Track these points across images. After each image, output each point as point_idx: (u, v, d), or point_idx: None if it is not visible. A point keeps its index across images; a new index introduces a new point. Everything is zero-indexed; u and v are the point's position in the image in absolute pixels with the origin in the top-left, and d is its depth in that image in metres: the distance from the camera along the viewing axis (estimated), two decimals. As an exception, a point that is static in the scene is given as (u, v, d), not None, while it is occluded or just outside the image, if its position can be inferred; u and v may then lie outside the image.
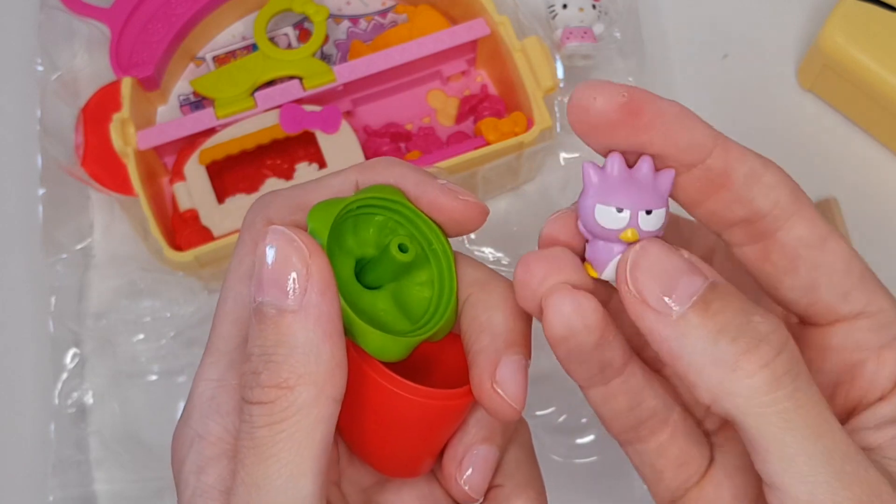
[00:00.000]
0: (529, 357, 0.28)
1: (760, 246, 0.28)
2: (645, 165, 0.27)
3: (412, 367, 0.29)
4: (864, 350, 0.28)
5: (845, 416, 0.28)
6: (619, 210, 0.26)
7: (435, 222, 0.29)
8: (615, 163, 0.27)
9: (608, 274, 0.27)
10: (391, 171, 0.29)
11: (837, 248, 0.27)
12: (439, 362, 0.30)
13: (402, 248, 0.29)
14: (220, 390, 0.28)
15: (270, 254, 0.26)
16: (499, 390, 0.27)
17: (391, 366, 0.28)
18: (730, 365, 0.24)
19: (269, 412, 0.25)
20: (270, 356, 0.26)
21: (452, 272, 0.29)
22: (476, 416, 0.30)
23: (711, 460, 0.30)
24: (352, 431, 0.29)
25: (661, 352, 0.25)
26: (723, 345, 0.24)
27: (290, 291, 0.26)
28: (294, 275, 0.26)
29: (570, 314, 0.26)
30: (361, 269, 0.30)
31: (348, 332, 0.27)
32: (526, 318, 0.29)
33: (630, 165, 0.27)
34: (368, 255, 0.30)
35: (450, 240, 0.30)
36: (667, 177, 0.27)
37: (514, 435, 0.31)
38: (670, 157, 0.27)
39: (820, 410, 0.24)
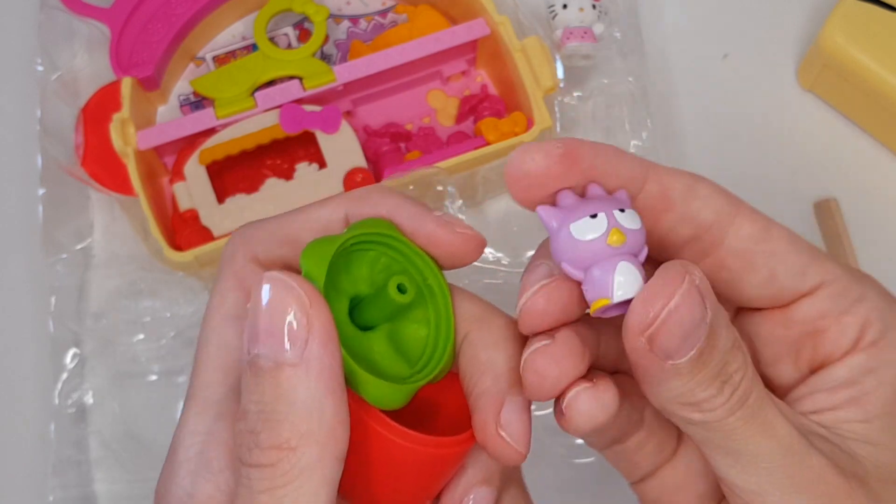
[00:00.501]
0: None
1: (713, 258, 0.28)
2: (596, 188, 0.26)
3: (409, 409, 0.27)
4: (826, 318, 0.28)
5: (806, 376, 0.29)
6: (594, 216, 0.25)
7: (430, 256, 0.28)
8: (567, 195, 0.26)
9: (620, 295, 0.25)
10: (384, 203, 0.28)
11: (782, 233, 0.28)
12: (437, 403, 0.29)
13: (400, 289, 0.27)
14: (210, 445, 0.27)
15: (267, 302, 0.24)
16: (504, 434, 0.27)
17: (387, 411, 0.27)
18: (696, 407, 0.25)
19: (269, 476, 0.24)
20: (269, 414, 0.24)
21: (450, 309, 0.28)
22: (474, 457, 0.29)
23: (680, 437, 0.31)
24: (347, 478, 0.27)
25: (636, 374, 0.26)
26: (697, 391, 0.25)
27: (289, 343, 0.24)
28: (293, 325, 0.24)
29: (596, 413, 0.26)
30: (354, 308, 0.28)
31: (347, 381, 0.25)
32: None
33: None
34: (362, 293, 0.28)
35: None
36: (622, 193, 0.27)
37: (510, 472, 0.30)
38: (613, 190, 0.27)
39: (764, 417, 0.26)
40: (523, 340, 0.27)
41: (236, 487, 0.25)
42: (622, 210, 0.25)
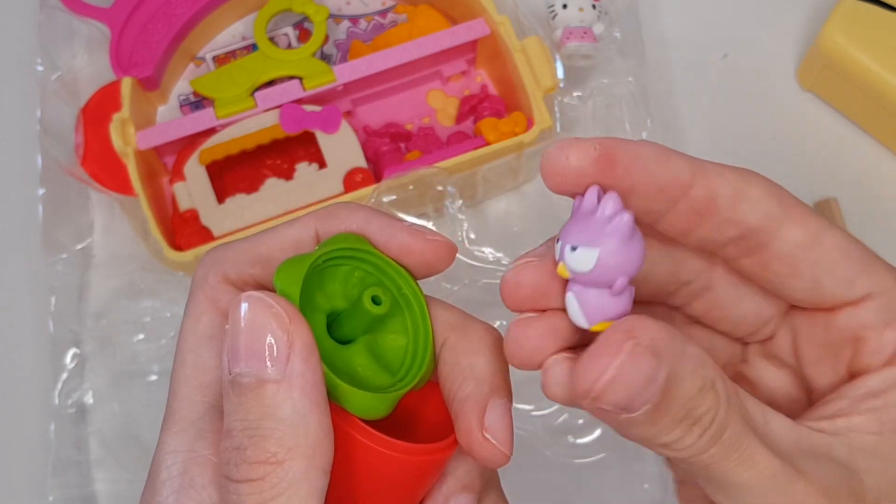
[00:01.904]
0: (512, 399, 0.28)
1: (757, 258, 0.28)
2: (590, 197, 0.26)
3: (390, 419, 0.28)
4: (868, 328, 0.28)
5: (845, 381, 0.29)
6: (557, 240, 0.25)
7: (403, 266, 0.28)
8: (591, 194, 0.26)
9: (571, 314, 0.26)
10: (353, 218, 0.28)
11: (833, 242, 0.28)
12: (416, 412, 0.30)
13: (375, 301, 0.27)
14: (191, 463, 0.27)
15: (246, 321, 0.25)
16: (489, 437, 0.27)
17: (370, 421, 0.27)
18: (665, 447, 0.25)
19: (258, 490, 0.24)
20: (255, 430, 0.24)
21: (426, 317, 0.28)
22: (454, 464, 0.29)
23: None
24: (333, 490, 0.28)
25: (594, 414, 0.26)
26: (661, 436, 0.25)
27: (270, 360, 0.24)
28: (273, 342, 0.24)
29: (565, 384, 0.26)
30: (332, 324, 0.29)
31: (330, 395, 0.26)
32: (504, 360, 0.28)
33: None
34: (338, 308, 0.29)
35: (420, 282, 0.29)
36: (609, 202, 0.25)
37: (490, 478, 0.30)
38: (652, 196, 0.26)
39: (743, 449, 0.25)
40: (500, 348, 0.28)
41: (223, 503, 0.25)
42: (574, 248, 0.25)
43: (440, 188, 0.47)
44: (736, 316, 0.30)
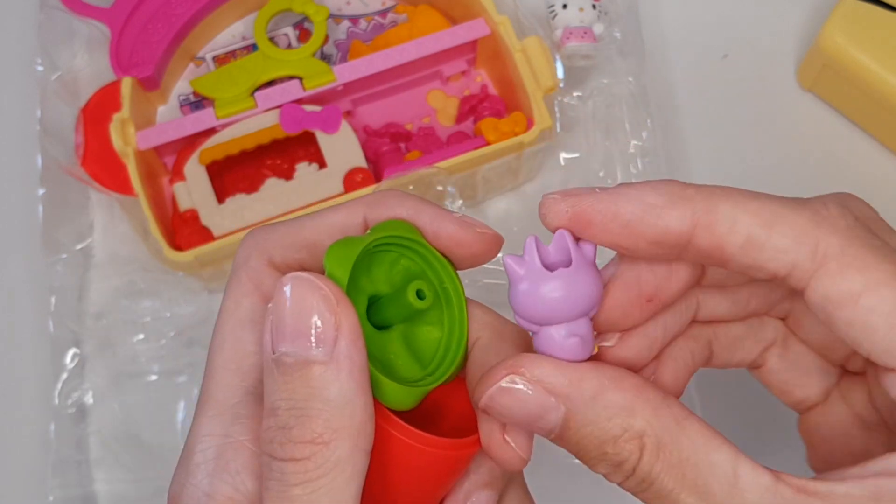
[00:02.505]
0: None
1: (786, 306, 0.28)
2: (558, 245, 0.27)
3: (417, 410, 0.28)
4: None
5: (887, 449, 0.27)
6: None
7: (448, 258, 0.28)
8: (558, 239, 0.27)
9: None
10: (403, 206, 0.28)
11: (874, 304, 0.24)
12: (442, 405, 0.30)
13: (419, 295, 0.28)
14: (227, 448, 0.27)
15: (292, 301, 0.25)
16: (509, 440, 0.27)
17: (400, 416, 0.27)
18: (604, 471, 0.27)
19: (303, 469, 0.24)
20: (302, 410, 0.24)
21: (464, 314, 0.29)
22: (477, 461, 0.29)
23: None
24: None
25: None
26: (594, 468, 0.26)
27: (317, 341, 0.25)
28: (320, 324, 0.25)
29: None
30: (371, 307, 0.29)
31: None
32: None
33: None
34: (380, 293, 0.29)
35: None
36: (585, 251, 0.26)
37: (513, 473, 0.31)
38: (643, 249, 0.26)
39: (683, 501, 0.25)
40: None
41: (264, 482, 0.25)
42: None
43: (440, 188, 0.47)
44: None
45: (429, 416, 0.29)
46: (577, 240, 0.27)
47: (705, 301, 0.30)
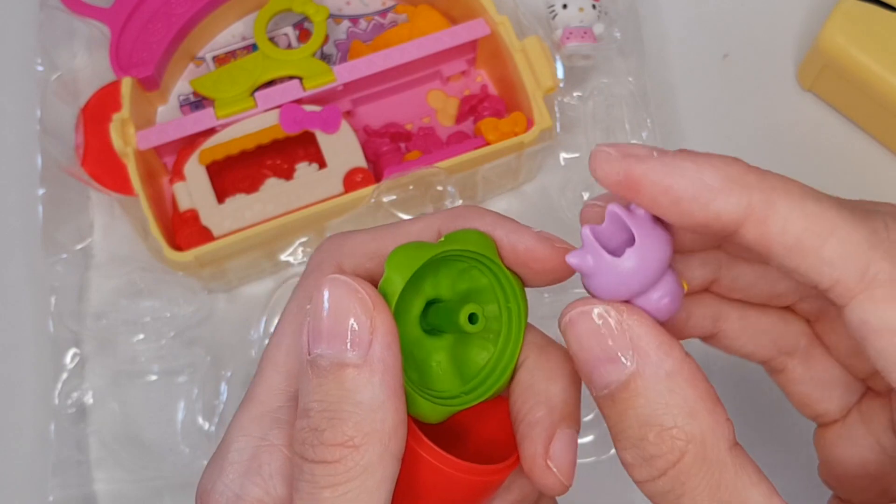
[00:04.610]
0: (579, 429, 0.28)
1: (830, 322, 0.27)
2: (612, 219, 0.26)
3: (447, 423, 0.28)
4: None
5: None
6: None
7: (520, 278, 0.28)
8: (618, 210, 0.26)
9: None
10: (482, 221, 0.28)
11: None
12: (474, 421, 0.29)
13: (471, 320, 0.27)
14: (262, 451, 0.27)
15: (329, 303, 0.25)
16: (552, 466, 0.27)
17: (426, 428, 0.27)
18: (627, 468, 0.26)
19: (332, 472, 0.24)
20: (334, 413, 0.24)
21: (520, 338, 0.28)
22: (511, 478, 0.29)
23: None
24: None
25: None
26: (622, 450, 0.25)
27: (352, 344, 0.24)
28: (356, 327, 0.24)
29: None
30: (427, 309, 0.28)
31: None
32: (579, 388, 0.28)
33: None
34: (442, 297, 0.28)
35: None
36: (639, 219, 0.25)
37: None
38: (684, 228, 0.25)
39: None
40: (578, 376, 0.27)
41: (295, 483, 0.25)
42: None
43: (440, 188, 0.47)
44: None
45: (458, 430, 0.29)
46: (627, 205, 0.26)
47: (729, 268, 0.29)
